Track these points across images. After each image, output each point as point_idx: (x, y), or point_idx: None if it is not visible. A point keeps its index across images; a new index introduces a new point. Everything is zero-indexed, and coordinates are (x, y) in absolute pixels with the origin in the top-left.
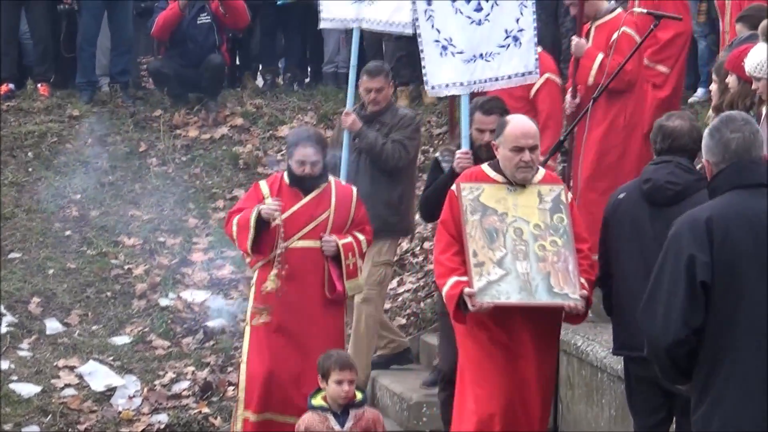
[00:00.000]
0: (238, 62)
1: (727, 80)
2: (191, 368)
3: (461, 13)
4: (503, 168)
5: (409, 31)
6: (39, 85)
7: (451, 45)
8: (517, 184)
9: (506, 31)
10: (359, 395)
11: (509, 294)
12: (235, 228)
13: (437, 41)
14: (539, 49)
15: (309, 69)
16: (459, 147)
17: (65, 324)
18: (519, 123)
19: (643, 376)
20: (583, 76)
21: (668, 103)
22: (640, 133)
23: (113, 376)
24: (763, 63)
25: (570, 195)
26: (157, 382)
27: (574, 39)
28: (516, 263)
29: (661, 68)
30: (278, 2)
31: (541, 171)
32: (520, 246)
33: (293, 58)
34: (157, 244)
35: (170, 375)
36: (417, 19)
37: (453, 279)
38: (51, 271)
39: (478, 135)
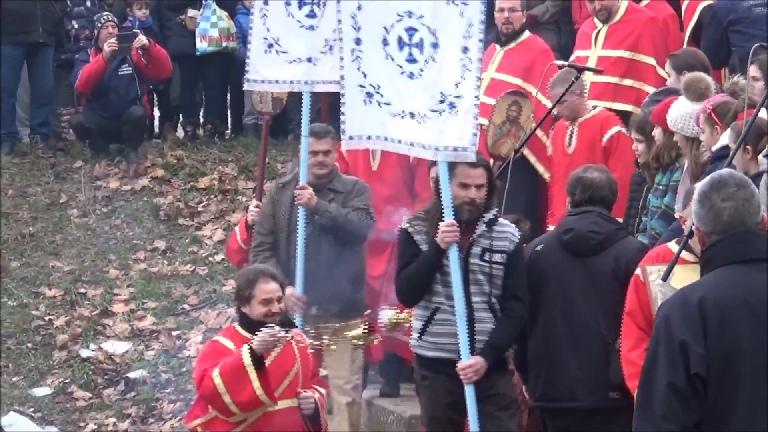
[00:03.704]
0: (158, 113)
1: (653, 133)
2: (113, 419)
3: (392, 59)
4: (692, 244)
5: (340, 88)
6: None
7: (378, 93)
8: None
9: (442, 94)
10: None
11: None
12: (219, 380)
13: (362, 86)
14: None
15: (229, 120)
16: (430, 214)
17: None
18: None
19: (561, 426)
20: None
21: None
22: None
23: (34, 428)
24: (681, 118)
25: None
26: None
27: None
28: None
29: None
30: (197, 52)
31: None
32: None
33: (214, 109)
34: (78, 295)
35: (91, 426)
36: (342, 58)
37: None
38: None
39: (462, 192)
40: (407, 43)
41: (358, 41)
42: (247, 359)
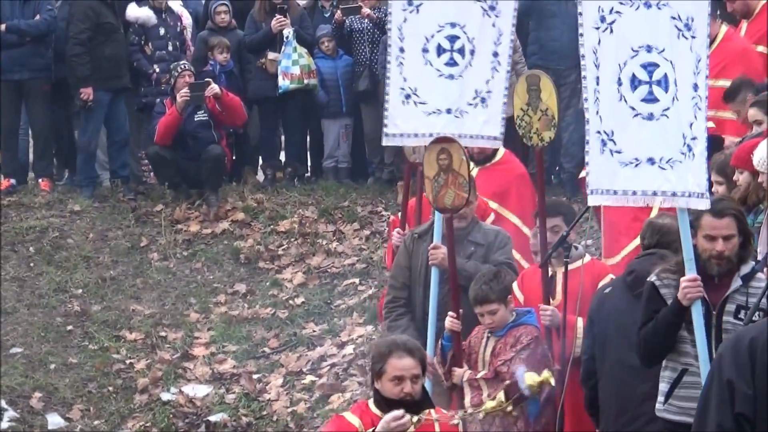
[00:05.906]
0: (236, 157)
1: (735, 177)
2: None
3: (625, 101)
4: None
5: (499, 144)
6: (40, 180)
7: (611, 140)
8: None
9: (683, 136)
10: None
11: None
12: None
13: (599, 132)
14: None
15: (309, 163)
16: (681, 266)
17: (67, 419)
18: None
19: None
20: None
21: None
22: None
23: None
24: (766, 158)
25: None
26: None
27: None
28: None
29: None
30: (279, 90)
31: None
32: None
33: (293, 151)
34: (158, 339)
35: None
36: (586, 99)
37: None
38: (52, 366)
39: (708, 244)
40: (646, 81)
41: (597, 80)
42: None
